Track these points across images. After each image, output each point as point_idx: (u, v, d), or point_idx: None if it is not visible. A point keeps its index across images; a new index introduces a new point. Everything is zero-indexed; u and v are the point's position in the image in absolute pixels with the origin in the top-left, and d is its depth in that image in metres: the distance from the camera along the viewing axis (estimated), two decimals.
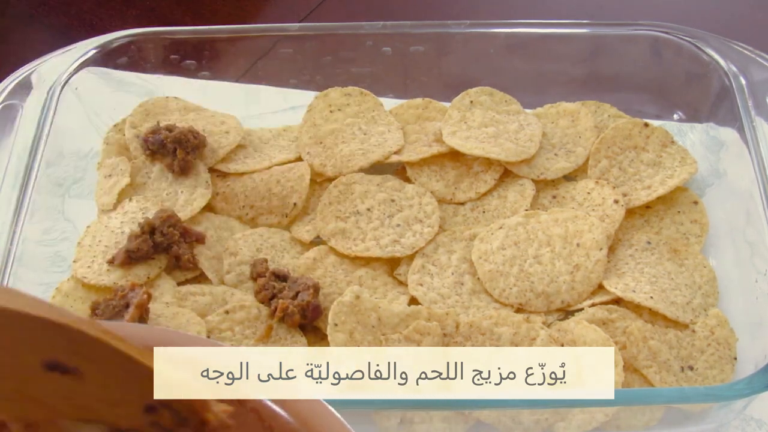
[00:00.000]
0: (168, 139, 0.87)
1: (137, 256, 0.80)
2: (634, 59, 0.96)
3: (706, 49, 0.91)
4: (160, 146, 0.88)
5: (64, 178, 0.90)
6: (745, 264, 0.82)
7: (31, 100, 0.87)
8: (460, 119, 0.92)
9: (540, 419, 0.71)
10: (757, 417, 0.75)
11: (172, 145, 0.87)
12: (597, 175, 0.89)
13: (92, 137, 0.94)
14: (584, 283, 0.80)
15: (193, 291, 0.80)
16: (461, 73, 0.98)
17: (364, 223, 0.85)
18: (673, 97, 0.96)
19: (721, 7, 1.18)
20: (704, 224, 0.86)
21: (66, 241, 0.86)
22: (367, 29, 0.95)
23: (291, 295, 0.78)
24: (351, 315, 0.75)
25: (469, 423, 0.73)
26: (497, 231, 0.83)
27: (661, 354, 0.74)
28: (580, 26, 0.96)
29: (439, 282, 0.81)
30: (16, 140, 0.84)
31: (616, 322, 0.77)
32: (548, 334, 0.75)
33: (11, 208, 0.79)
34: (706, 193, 0.89)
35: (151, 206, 0.85)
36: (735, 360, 0.76)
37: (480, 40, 0.96)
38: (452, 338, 0.76)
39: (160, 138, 0.88)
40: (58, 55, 0.91)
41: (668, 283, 0.80)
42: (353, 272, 0.82)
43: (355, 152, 0.89)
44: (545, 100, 0.95)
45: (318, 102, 0.94)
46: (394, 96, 0.97)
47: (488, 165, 0.89)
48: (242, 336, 0.77)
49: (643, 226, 0.86)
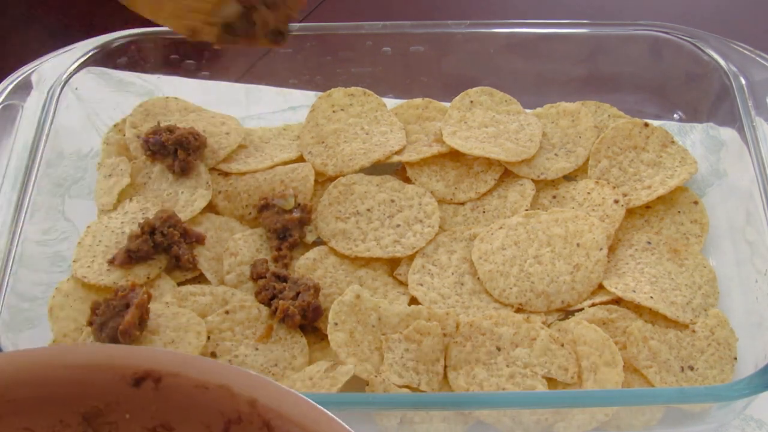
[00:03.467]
0: (169, 141, 0.87)
1: (137, 256, 0.80)
2: (634, 59, 0.96)
3: (706, 49, 0.91)
4: (160, 147, 0.88)
5: (64, 178, 0.90)
6: (745, 264, 0.81)
7: (31, 100, 0.87)
8: (460, 119, 0.92)
9: (540, 419, 0.71)
10: (757, 417, 0.75)
11: (173, 146, 0.87)
12: (597, 175, 0.89)
13: (92, 137, 0.94)
14: (584, 283, 0.80)
15: (194, 291, 0.80)
16: (461, 73, 0.98)
17: (364, 224, 0.85)
18: (673, 97, 0.96)
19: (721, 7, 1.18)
20: (704, 224, 0.86)
21: (66, 241, 0.86)
22: (367, 29, 0.95)
23: (291, 296, 0.78)
24: (351, 314, 0.75)
25: (469, 423, 0.73)
26: (497, 231, 0.83)
27: (661, 354, 0.74)
28: (580, 26, 0.96)
29: (440, 282, 0.81)
30: (16, 140, 0.84)
31: (616, 322, 0.77)
32: (548, 334, 0.75)
33: (11, 208, 0.79)
34: (706, 193, 0.89)
35: (152, 206, 0.85)
36: (735, 360, 0.76)
37: (480, 40, 0.96)
38: (452, 338, 0.76)
39: (160, 139, 0.88)
40: (58, 55, 0.90)
41: (668, 283, 0.80)
42: (353, 272, 0.82)
43: (356, 152, 0.89)
44: (545, 100, 0.95)
45: (321, 102, 0.94)
46: (394, 96, 0.97)
47: (488, 165, 0.89)
48: (242, 336, 0.77)
49: (643, 226, 0.86)
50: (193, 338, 0.75)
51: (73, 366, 0.44)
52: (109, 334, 0.73)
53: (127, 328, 0.73)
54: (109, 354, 0.44)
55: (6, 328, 0.73)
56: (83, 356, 0.44)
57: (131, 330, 0.73)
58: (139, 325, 0.74)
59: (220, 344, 0.76)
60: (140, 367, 0.44)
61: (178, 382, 0.44)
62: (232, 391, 0.43)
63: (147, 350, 0.45)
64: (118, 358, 0.44)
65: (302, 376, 0.73)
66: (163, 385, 0.44)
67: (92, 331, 0.75)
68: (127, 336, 0.73)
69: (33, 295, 0.80)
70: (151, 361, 0.44)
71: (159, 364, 0.44)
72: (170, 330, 0.75)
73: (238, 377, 0.44)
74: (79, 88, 0.92)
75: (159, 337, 0.75)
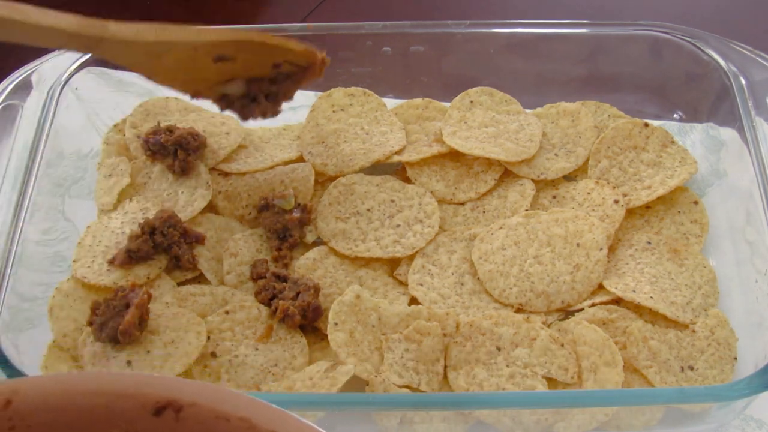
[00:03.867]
0: (168, 141, 0.87)
1: (137, 256, 0.80)
2: (634, 59, 0.96)
3: (706, 49, 0.91)
4: (160, 147, 0.88)
5: (64, 178, 0.90)
6: (745, 264, 0.81)
7: (31, 100, 0.87)
8: (460, 119, 0.92)
9: (540, 419, 0.71)
10: (757, 417, 0.75)
11: (173, 146, 0.87)
12: (597, 175, 0.89)
13: (92, 137, 0.94)
14: (584, 283, 0.80)
15: (194, 291, 0.80)
16: (461, 73, 0.98)
17: (364, 224, 0.85)
18: (673, 97, 0.96)
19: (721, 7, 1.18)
20: (704, 224, 0.86)
21: (66, 241, 0.86)
22: (367, 29, 0.95)
23: (291, 296, 0.78)
24: (351, 314, 0.75)
25: (469, 423, 0.73)
26: (497, 231, 0.83)
27: (661, 354, 0.74)
28: (580, 26, 0.96)
29: (440, 282, 0.81)
30: (16, 140, 0.84)
31: (616, 322, 0.77)
32: (548, 334, 0.75)
33: (11, 208, 0.79)
34: (706, 193, 0.89)
35: (152, 206, 0.85)
36: (735, 360, 0.76)
37: (480, 40, 0.96)
38: (452, 338, 0.76)
39: (160, 139, 0.88)
40: (58, 55, 0.90)
41: (668, 283, 0.80)
42: (353, 272, 0.82)
43: (356, 152, 0.89)
44: (545, 100, 0.95)
45: (321, 102, 0.94)
46: (394, 96, 0.97)
47: (488, 165, 0.89)
48: (242, 336, 0.77)
49: (643, 226, 0.86)
50: (193, 338, 0.75)
51: (96, 393, 0.44)
52: (109, 334, 0.73)
53: (127, 328, 0.73)
54: (132, 382, 0.44)
55: (6, 328, 0.73)
56: (106, 383, 0.44)
57: (131, 330, 0.73)
58: (139, 325, 0.74)
59: (220, 344, 0.76)
60: (162, 396, 0.44)
61: (199, 412, 0.44)
62: (252, 423, 0.43)
63: (169, 380, 0.45)
64: (141, 386, 0.44)
65: (302, 376, 0.73)
66: (184, 415, 0.44)
67: (92, 331, 0.75)
68: (127, 336, 0.73)
69: (33, 295, 0.80)
70: (173, 390, 0.44)
71: (180, 394, 0.44)
72: (170, 330, 0.75)
73: (259, 410, 0.44)
74: (79, 88, 0.92)
75: (159, 337, 0.75)
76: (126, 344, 0.74)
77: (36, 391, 0.44)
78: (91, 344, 0.74)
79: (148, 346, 0.74)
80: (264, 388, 0.73)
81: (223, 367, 0.75)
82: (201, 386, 0.45)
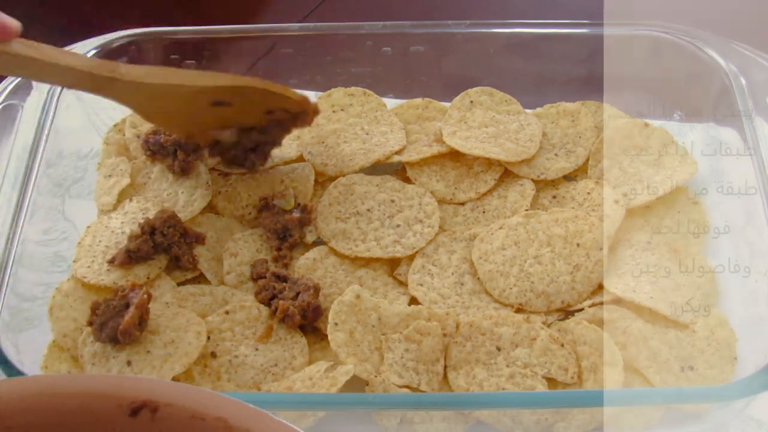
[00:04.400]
0: (168, 141, 0.87)
1: (137, 256, 0.80)
2: (634, 59, 0.96)
3: (706, 49, 0.91)
4: (160, 147, 0.88)
5: (64, 178, 0.90)
6: (745, 264, 0.81)
7: (31, 100, 0.87)
8: (460, 119, 0.92)
9: (540, 419, 0.71)
10: (757, 417, 0.75)
11: (173, 146, 0.87)
12: (597, 175, 0.89)
13: (92, 137, 0.94)
14: (584, 283, 0.80)
15: (193, 291, 0.80)
16: (461, 73, 0.98)
17: (364, 224, 0.85)
18: (673, 97, 0.96)
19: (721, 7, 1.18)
20: (704, 224, 0.86)
21: (66, 241, 0.86)
22: (367, 29, 0.95)
23: (291, 296, 0.78)
24: (351, 314, 0.75)
25: (469, 423, 0.73)
26: (497, 231, 0.83)
27: (661, 354, 0.74)
28: (580, 26, 0.96)
29: (440, 282, 0.81)
30: (16, 140, 0.84)
31: (616, 322, 0.77)
32: (548, 334, 0.75)
33: (11, 209, 0.79)
34: (706, 193, 0.89)
35: (152, 207, 0.85)
36: (735, 360, 0.76)
37: (480, 40, 0.96)
38: (452, 338, 0.76)
39: (160, 139, 0.88)
40: None
41: (668, 284, 0.80)
42: (353, 273, 0.82)
43: (356, 152, 0.90)
44: (545, 100, 0.95)
45: (321, 102, 0.94)
46: (394, 96, 0.97)
47: (488, 165, 0.89)
48: (242, 336, 0.77)
49: (643, 226, 0.86)
50: (193, 338, 0.75)
51: (72, 394, 0.44)
52: (109, 334, 0.73)
53: (127, 328, 0.73)
54: (108, 383, 0.45)
55: (6, 328, 0.73)
56: (81, 385, 0.45)
57: (131, 330, 0.73)
58: (139, 325, 0.74)
59: (220, 344, 0.76)
60: (138, 396, 0.44)
61: (174, 412, 0.44)
62: (228, 423, 0.43)
63: (145, 380, 0.45)
64: (116, 387, 0.44)
65: (302, 376, 0.73)
66: (160, 415, 0.44)
67: (92, 331, 0.75)
68: (127, 336, 0.73)
69: (33, 295, 0.80)
70: (149, 390, 0.44)
71: (156, 394, 0.44)
72: (170, 330, 0.75)
73: (235, 410, 0.44)
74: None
75: (159, 337, 0.75)
76: (126, 344, 0.74)
77: (14, 392, 0.44)
78: (91, 344, 0.74)
79: (148, 346, 0.74)
80: (264, 388, 0.73)
81: (223, 367, 0.75)
82: (177, 386, 0.45)
